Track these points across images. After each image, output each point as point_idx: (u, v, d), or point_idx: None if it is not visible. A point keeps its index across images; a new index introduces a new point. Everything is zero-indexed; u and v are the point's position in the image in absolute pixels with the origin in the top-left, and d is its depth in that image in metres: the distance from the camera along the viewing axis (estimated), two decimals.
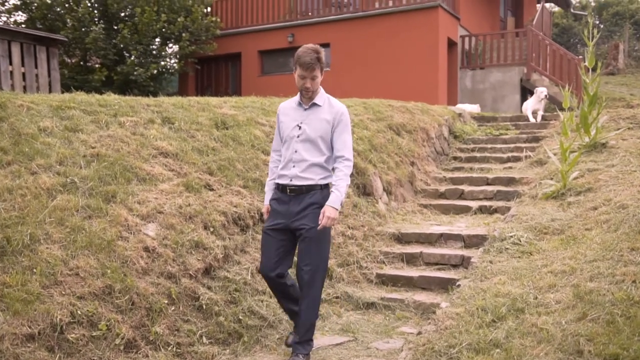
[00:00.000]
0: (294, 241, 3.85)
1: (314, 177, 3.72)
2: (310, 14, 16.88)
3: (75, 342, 3.54)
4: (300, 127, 3.76)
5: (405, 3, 15.16)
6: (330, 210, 3.62)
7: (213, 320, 4.26)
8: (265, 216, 3.94)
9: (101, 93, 6.71)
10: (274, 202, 3.85)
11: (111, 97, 6.45)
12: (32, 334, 3.41)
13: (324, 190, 3.76)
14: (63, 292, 3.71)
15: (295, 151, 3.74)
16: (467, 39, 15.87)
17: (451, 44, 15.45)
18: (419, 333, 3.91)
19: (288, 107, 3.93)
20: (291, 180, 3.74)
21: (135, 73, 14.58)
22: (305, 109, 3.80)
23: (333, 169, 3.82)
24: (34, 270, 3.71)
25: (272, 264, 3.81)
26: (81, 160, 4.92)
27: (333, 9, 16.51)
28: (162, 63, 16.29)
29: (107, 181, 4.78)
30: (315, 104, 3.80)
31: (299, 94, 3.83)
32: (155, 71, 15.41)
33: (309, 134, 3.72)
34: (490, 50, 15.61)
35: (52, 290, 3.68)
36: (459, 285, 4.57)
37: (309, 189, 3.71)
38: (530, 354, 3.13)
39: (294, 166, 3.74)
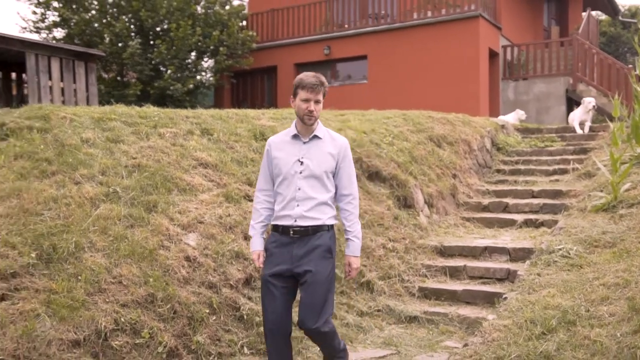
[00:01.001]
0: (295, 288, 3.41)
1: (321, 217, 3.34)
2: (346, 25, 16.87)
3: (119, 349, 3.55)
4: (302, 163, 3.36)
5: (444, 13, 15.02)
6: (355, 261, 3.43)
7: (254, 330, 4.22)
8: (256, 264, 3.47)
9: (140, 106, 6.80)
10: (273, 246, 3.39)
11: (150, 109, 6.53)
12: (78, 340, 3.44)
13: (331, 231, 3.40)
14: (107, 300, 3.73)
15: (299, 189, 3.34)
16: (509, 49, 15.60)
17: (492, 55, 15.21)
18: (465, 345, 3.78)
19: (281, 141, 3.49)
20: (295, 221, 3.32)
21: (171, 88, 14.80)
22: (305, 142, 3.42)
23: (339, 209, 3.49)
24: (79, 277, 3.74)
25: (283, 319, 3.31)
26: (123, 171, 4.98)
27: (370, 20, 16.48)
28: (198, 77, 16.51)
29: (148, 191, 4.82)
30: (316, 137, 3.43)
31: (292, 125, 3.48)
32: (191, 85, 15.63)
33: (312, 169, 3.35)
34: (534, 60, 15.29)
35: (96, 297, 3.71)
36: (505, 298, 4.42)
37: (316, 230, 3.32)
38: None
39: (298, 205, 3.33)
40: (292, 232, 3.32)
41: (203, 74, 17.08)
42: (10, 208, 4.05)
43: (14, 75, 12.39)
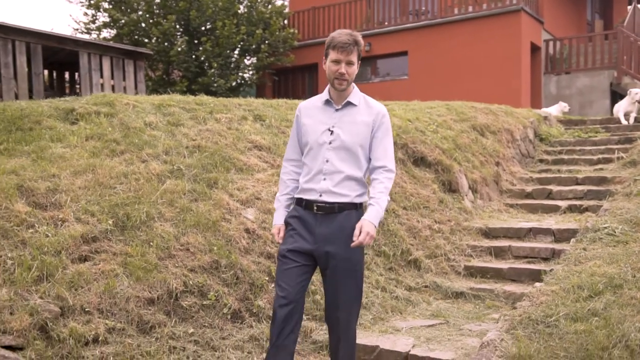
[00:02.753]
0: (313, 272, 3.08)
1: (350, 194, 2.98)
2: (387, 22, 17.05)
3: (188, 309, 3.85)
4: (332, 132, 3.00)
5: (485, 8, 15.06)
6: (368, 225, 2.85)
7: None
8: (275, 238, 3.15)
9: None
10: (295, 221, 3.05)
11: (205, 98, 6.89)
12: (152, 299, 3.74)
13: (359, 210, 3.03)
14: (176, 265, 4.04)
15: (327, 161, 2.98)
16: (551, 43, 15.53)
17: (534, 49, 15.16)
18: (514, 308, 3.95)
19: (311, 106, 3.14)
20: (320, 196, 2.97)
21: (215, 84, 15.23)
22: (337, 110, 3.04)
23: (370, 181, 3.08)
24: (151, 243, 4.06)
25: (294, 294, 2.95)
26: (184, 151, 5.31)
27: (410, 17, 16.61)
28: (241, 75, 16.92)
29: (208, 169, 5.14)
30: (350, 103, 3.04)
31: (326, 90, 3.11)
32: (234, 82, 16.06)
33: (344, 140, 2.98)
34: (577, 54, 15.18)
35: (167, 262, 4.02)
36: (552, 270, 4.56)
37: (342, 207, 2.97)
38: (630, 321, 3.13)
39: (324, 179, 2.98)
40: (315, 208, 2.98)
41: (246, 71, 17.50)
42: (87, 181, 4.40)
43: (67, 75, 13.03)
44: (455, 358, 3.70)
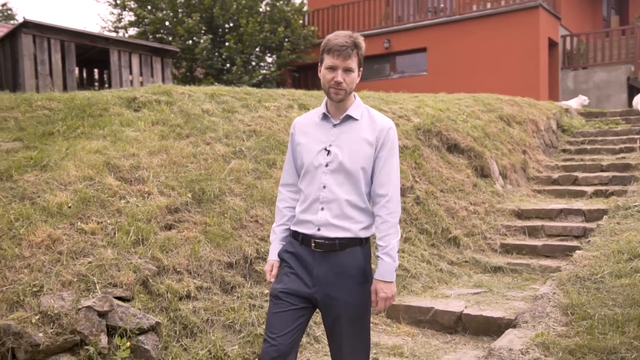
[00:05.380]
0: (310, 316, 2.57)
1: (353, 227, 2.47)
2: (405, 19, 17.41)
3: (261, 273, 4.26)
4: (329, 152, 2.50)
5: (504, 4, 15.37)
6: (384, 287, 2.45)
7: None
8: (267, 276, 2.67)
9: None
10: (290, 258, 2.56)
11: (250, 89, 7.32)
12: (231, 263, 4.16)
13: (365, 246, 2.52)
14: (248, 234, 4.45)
15: (324, 187, 2.49)
16: (568, 39, 15.83)
17: (552, 45, 15.48)
18: (559, 270, 4.33)
19: (307, 122, 2.63)
20: (319, 230, 2.49)
21: (240, 81, 15.67)
22: (335, 125, 2.53)
23: (373, 213, 2.56)
24: (225, 215, 4.48)
25: (285, 345, 2.44)
26: (242, 135, 5.73)
27: (429, 14, 16.96)
28: (263, 72, 17.36)
29: (266, 151, 5.55)
30: (350, 117, 2.52)
31: (323, 103, 2.60)
32: (258, 78, 16.51)
33: (342, 161, 2.48)
34: (594, 49, 15.48)
35: (240, 231, 4.43)
36: (589, 241, 4.93)
37: (344, 244, 2.47)
38: None
39: (322, 208, 2.49)
40: (313, 245, 2.50)
41: (268, 68, 17.94)
42: (162, 160, 4.82)
43: (96, 72, 13.50)
44: (505, 315, 4.09)
